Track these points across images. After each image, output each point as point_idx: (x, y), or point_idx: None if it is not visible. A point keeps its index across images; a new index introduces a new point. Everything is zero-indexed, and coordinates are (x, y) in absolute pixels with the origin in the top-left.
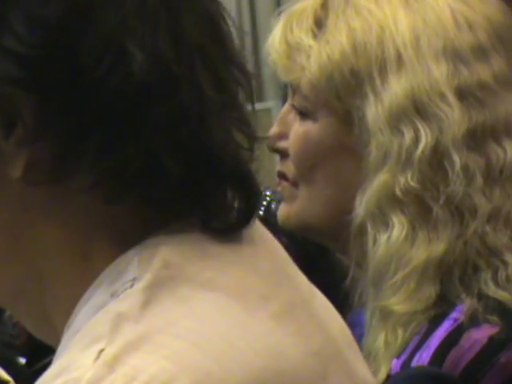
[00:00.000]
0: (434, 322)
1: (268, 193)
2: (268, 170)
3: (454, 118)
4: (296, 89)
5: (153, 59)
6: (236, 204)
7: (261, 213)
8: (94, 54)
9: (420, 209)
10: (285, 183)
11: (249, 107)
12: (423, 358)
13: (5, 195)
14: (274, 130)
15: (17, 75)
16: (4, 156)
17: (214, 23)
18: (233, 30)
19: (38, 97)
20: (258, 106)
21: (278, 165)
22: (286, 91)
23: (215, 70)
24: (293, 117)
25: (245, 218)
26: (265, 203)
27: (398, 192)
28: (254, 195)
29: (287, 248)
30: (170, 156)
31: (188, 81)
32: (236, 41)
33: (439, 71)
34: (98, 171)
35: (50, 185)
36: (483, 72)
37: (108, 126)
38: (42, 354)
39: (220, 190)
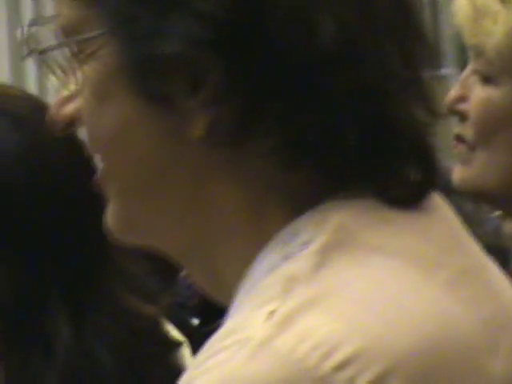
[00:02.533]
0: None
1: None
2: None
3: None
4: (480, 53)
5: (342, 32)
6: (414, 177)
7: None
8: (283, 22)
9: None
10: (461, 146)
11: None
12: None
13: (184, 154)
14: (454, 92)
15: (208, 38)
16: (187, 115)
17: None
18: None
19: (225, 60)
20: (436, 72)
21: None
22: (464, 58)
23: (401, 44)
24: (474, 80)
25: (421, 191)
26: None
27: None
28: (432, 170)
29: None
30: (349, 128)
31: (374, 56)
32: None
33: None
34: (277, 138)
35: (229, 147)
36: None
37: (290, 94)
38: (214, 316)
39: (397, 163)
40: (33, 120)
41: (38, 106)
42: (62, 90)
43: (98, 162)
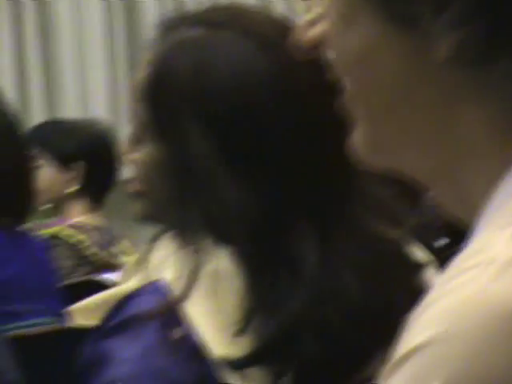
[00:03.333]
0: None
1: None
2: None
3: None
4: None
5: None
6: None
7: None
8: None
9: None
10: None
11: None
12: None
13: (430, 76)
14: None
15: None
16: (432, 36)
17: None
18: None
19: None
20: None
21: None
22: None
23: None
24: None
25: None
26: None
27: None
28: None
29: None
30: None
31: None
32: None
33: None
34: None
35: (476, 68)
36: None
37: None
38: (462, 236)
39: None
40: (279, 44)
41: (284, 29)
42: (308, 13)
43: (346, 84)
